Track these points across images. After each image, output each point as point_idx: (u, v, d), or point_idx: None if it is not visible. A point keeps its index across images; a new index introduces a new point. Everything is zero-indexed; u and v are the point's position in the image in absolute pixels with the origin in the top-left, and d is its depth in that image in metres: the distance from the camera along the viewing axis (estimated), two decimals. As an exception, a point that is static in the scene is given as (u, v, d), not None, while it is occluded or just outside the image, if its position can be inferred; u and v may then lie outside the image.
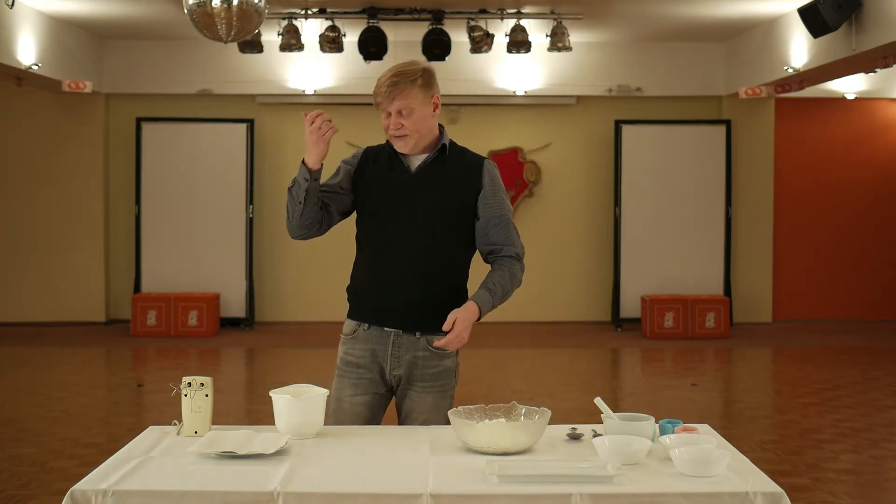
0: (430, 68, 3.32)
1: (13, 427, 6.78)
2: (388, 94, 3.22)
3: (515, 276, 3.35)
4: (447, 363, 3.36)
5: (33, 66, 9.42)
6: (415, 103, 3.24)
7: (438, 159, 3.33)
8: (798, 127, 12.06)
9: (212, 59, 11.29)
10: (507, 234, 3.34)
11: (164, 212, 11.36)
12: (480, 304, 3.24)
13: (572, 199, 11.85)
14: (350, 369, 3.35)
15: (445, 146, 3.34)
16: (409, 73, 3.24)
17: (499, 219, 3.33)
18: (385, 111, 3.26)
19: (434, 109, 3.30)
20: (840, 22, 8.10)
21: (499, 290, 3.30)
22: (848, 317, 12.09)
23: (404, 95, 3.23)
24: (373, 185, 3.34)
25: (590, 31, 10.90)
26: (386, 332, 3.31)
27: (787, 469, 5.73)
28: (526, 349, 10.26)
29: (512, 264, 3.34)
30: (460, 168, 3.34)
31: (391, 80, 3.22)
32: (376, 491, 2.45)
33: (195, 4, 5.63)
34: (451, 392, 3.40)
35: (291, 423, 2.93)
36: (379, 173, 3.35)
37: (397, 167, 3.34)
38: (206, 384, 2.99)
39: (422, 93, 3.26)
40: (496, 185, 3.35)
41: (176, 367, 9.44)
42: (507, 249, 3.35)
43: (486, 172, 3.35)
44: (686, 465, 2.56)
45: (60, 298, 11.55)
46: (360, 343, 3.34)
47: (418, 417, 3.32)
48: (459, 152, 3.39)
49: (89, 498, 2.45)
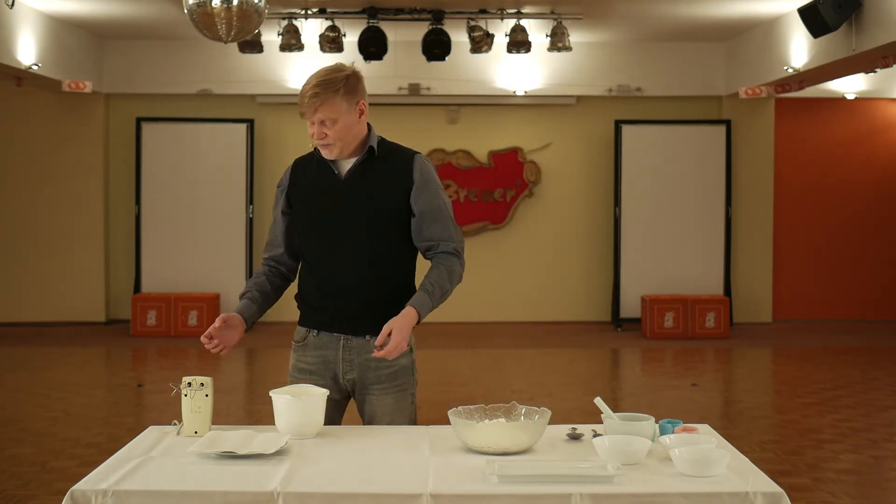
0: (354, 74, 3.25)
1: (13, 427, 6.78)
2: (311, 105, 3.17)
3: (454, 272, 3.27)
4: (402, 361, 3.31)
5: (33, 66, 9.42)
6: (338, 113, 3.18)
7: (367, 161, 3.28)
8: (798, 127, 12.06)
9: (212, 59, 11.29)
10: (444, 228, 3.28)
11: (164, 212, 11.36)
12: (419, 309, 3.16)
13: (572, 199, 11.85)
14: (303, 376, 3.33)
15: (374, 148, 3.28)
16: (331, 83, 3.17)
17: (433, 213, 3.26)
18: (308, 121, 3.22)
19: (360, 115, 3.24)
20: (840, 22, 8.10)
21: (437, 291, 3.22)
22: (848, 317, 12.09)
23: (327, 106, 3.17)
24: (306, 197, 3.32)
25: (590, 31, 10.90)
26: (335, 336, 3.29)
27: (787, 469, 5.73)
28: (526, 349, 10.26)
29: (449, 261, 3.27)
30: (391, 166, 3.28)
31: (313, 91, 3.16)
32: (376, 491, 2.45)
33: (195, 4, 5.63)
34: (411, 391, 3.35)
35: (291, 423, 2.93)
36: (310, 183, 3.33)
37: (327, 174, 3.30)
38: (206, 384, 2.99)
39: (345, 101, 3.19)
40: (428, 179, 3.28)
41: (176, 367, 9.44)
42: (444, 245, 3.27)
43: (416, 167, 3.28)
44: (686, 465, 2.56)
45: (60, 298, 11.55)
46: (311, 350, 3.33)
47: (382, 420, 3.27)
48: (389, 150, 3.33)
49: (89, 498, 2.45)
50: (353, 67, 3.26)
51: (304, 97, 3.19)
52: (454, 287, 3.29)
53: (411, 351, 3.35)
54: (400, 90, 11.39)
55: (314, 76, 3.22)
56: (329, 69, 3.24)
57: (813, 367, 9.26)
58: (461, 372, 8.91)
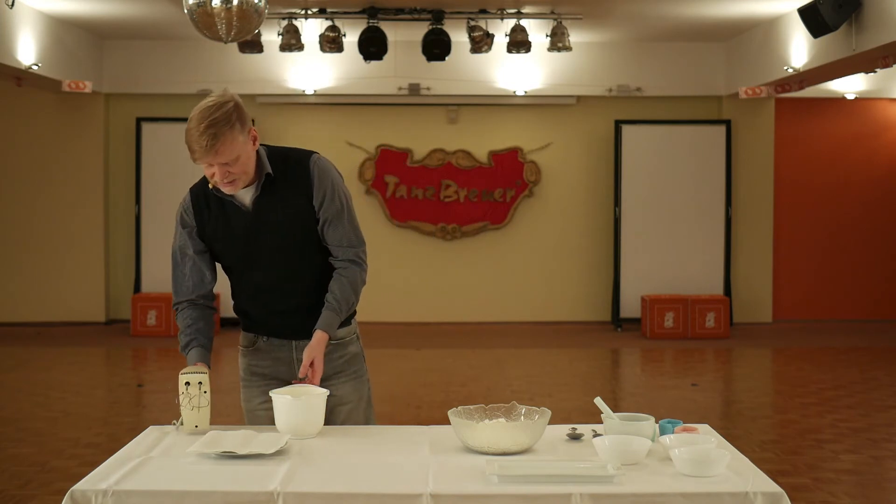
0: (236, 102, 3.06)
1: (13, 427, 6.79)
2: (211, 148, 2.97)
3: (355, 282, 3.24)
4: (352, 349, 3.35)
5: (33, 66, 9.42)
6: (238, 148, 3.02)
7: (267, 184, 3.16)
8: (798, 127, 12.06)
9: (212, 59, 11.29)
10: (343, 232, 3.22)
11: (164, 212, 11.34)
12: (327, 329, 3.17)
13: (572, 199, 11.85)
14: (256, 379, 3.33)
15: (270, 174, 3.15)
16: (224, 119, 2.98)
17: (332, 218, 3.20)
18: (206, 164, 3.03)
19: (253, 143, 3.10)
20: (840, 22, 8.09)
21: (343, 306, 3.21)
22: (848, 317, 12.09)
23: (227, 146, 2.99)
24: (220, 239, 3.22)
25: (590, 31, 10.89)
26: (287, 341, 3.30)
27: (787, 469, 5.73)
28: (526, 349, 10.26)
29: (350, 271, 3.23)
30: (289, 179, 3.18)
31: (210, 133, 2.95)
32: (376, 491, 2.45)
33: (195, 4, 5.63)
34: (366, 376, 3.38)
35: (291, 423, 2.93)
36: (217, 224, 3.21)
37: (231, 210, 3.19)
38: (204, 382, 2.99)
39: (241, 133, 3.03)
40: (324, 182, 3.19)
41: (176, 367, 9.42)
42: (344, 252, 3.23)
43: (312, 171, 3.19)
44: (686, 465, 2.56)
45: (60, 298, 11.55)
46: (264, 354, 3.32)
47: (343, 409, 3.29)
48: (283, 161, 3.20)
49: (89, 498, 2.45)
50: (231, 94, 3.09)
51: (200, 142, 2.97)
52: (359, 293, 3.28)
53: (358, 339, 3.38)
54: (400, 90, 11.39)
55: (199, 116, 3.00)
56: (211, 106, 3.02)
57: (813, 367, 9.26)
58: (461, 372, 8.91)
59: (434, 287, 11.81)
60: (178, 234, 3.26)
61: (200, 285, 3.29)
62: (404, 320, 11.76)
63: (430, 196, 11.69)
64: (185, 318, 3.27)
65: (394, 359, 9.34)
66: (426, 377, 8.61)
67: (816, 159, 12.10)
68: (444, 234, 11.73)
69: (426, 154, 11.72)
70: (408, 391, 8.00)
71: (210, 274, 3.30)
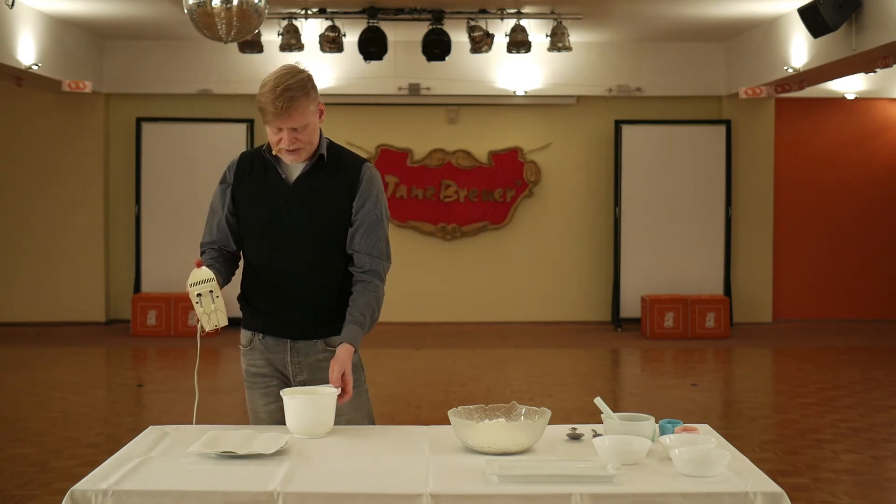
0: (310, 74, 3.18)
1: (13, 427, 6.79)
2: (285, 111, 3.06)
3: (379, 297, 3.24)
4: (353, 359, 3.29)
5: (33, 66, 9.42)
6: (308, 116, 3.12)
7: (317, 167, 3.21)
8: (798, 127, 12.06)
9: (212, 59, 11.30)
10: (374, 242, 3.22)
11: (164, 212, 11.36)
12: (354, 343, 3.16)
13: (572, 199, 11.85)
14: (256, 379, 3.32)
15: (323, 156, 3.22)
16: (300, 85, 3.09)
17: (369, 225, 3.21)
18: (276, 128, 3.11)
19: (320, 116, 3.18)
20: (840, 22, 8.10)
21: (367, 320, 3.20)
22: (848, 317, 12.09)
23: (300, 111, 3.08)
24: (251, 201, 3.24)
25: (590, 31, 10.90)
26: (282, 340, 3.27)
27: (787, 469, 5.73)
28: (526, 349, 10.26)
29: (372, 285, 3.21)
30: (338, 174, 3.22)
31: (286, 97, 3.06)
32: (376, 491, 2.45)
33: (195, 4, 5.62)
34: (364, 386, 3.34)
35: (302, 423, 2.92)
36: (256, 187, 3.24)
37: (274, 178, 3.22)
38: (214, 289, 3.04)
39: (312, 102, 3.13)
40: (372, 191, 3.23)
41: (176, 367, 9.44)
42: (371, 262, 3.21)
43: (363, 177, 3.23)
44: (686, 465, 2.56)
45: (60, 298, 11.55)
46: (258, 353, 3.29)
47: (340, 419, 3.22)
48: (338, 156, 3.26)
49: (89, 498, 2.45)
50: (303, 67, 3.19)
51: (275, 103, 3.06)
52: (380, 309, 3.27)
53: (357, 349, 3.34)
54: (400, 90, 11.40)
55: (274, 81, 3.09)
56: (288, 71, 3.13)
57: (813, 367, 9.26)
58: (461, 372, 8.91)
59: (434, 287, 11.81)
60: (217, 190, 3.32)
61: (226, 241, 3.33)
62: (404, 320, 11.76)
63: (430, 196, 11.69)
64: (207, 259, 3.30)
65: (394, 359, 9.34)
66: (426, 377, 8.61)
67: (816, 159, 12.10)
68: (444, 234, 11.73)
69: (426, 154, 11.72)
70: (408, 391, 8.00)
71: (234, 243, 3.32)
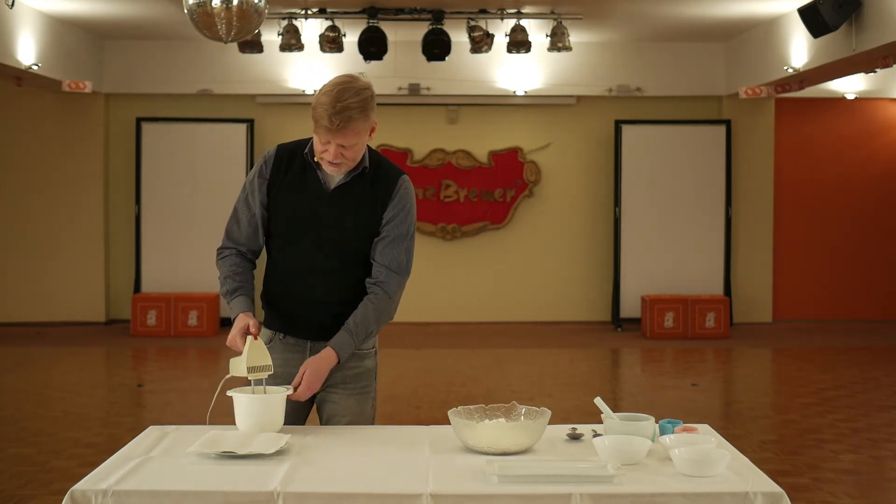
0: (373, 91, 3.07)
1: (13, 427, 6.79)
2: (340, 129, 2.99)
3: (382, 310, 3.19)
4: (367, 364, 3.30)
5: (33, 66, 9.42)
6: (360, 136, 3.05)
7: (356, 179, 3.19)
8: (798, 127, 12.06)
9: (212, 59, 11.30)
10: (394, 255, 3.19)
11: (164, 212, 11.36)
12: (339, 351, 3.14)
13: (572, 199, 11.85)
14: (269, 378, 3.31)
15: (366, 168, 3.18)
16: (361, 106, 2.99)
17: (394, 238, 3.19)
18: (325, 139, 3.04)
19: (370, 133, 3.11)
20: (840, 22, 8.09)
21: (361, 332, 3.17)
22: (848, 317, 12.09)
23: (355, 131, 3.01)
24: (287, 200, 3.20)
25: (590, 31, 10.90)
26: (302, 341, 3.27)
27: (787, 469, 5.73)
28: (526, 349, 10.26)
29: (379, 298, 3.18)
30: (376, 185, 3.19)
31: (345, 117, 2.97)
32: (376, 491, 2.46)
33: (195, 4, 5.62)
34: (372, 394, 3.32)
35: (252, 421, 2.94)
36: (293, 187, 3.19)
37: (312, 181, 3.19)
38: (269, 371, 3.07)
39: (367, 122, 3.04)
40: (404, 205, 3.20)
41: (176, 367, 9.45)
42: (386, 274, 3.18)
43: (398, 191, 3.20)
44: (686, 465, 2.56)
45: (60, 298, 11.55)
46: (278, 353, 3.27)
47: (341, 421, 3.24)
48: (377, 167, 3.21)
49: (89, 498, 2.45)
50: (367, 81, 3.08)
51: (333, 120, 2.98)
52: (382, 325, 3.24)
53: (375, 354, 3.34)
54: (400, 90, 11.39)
55: (336, 94, 2.99)
56: (352, 86, 3.01)
57: (813, 367, 9.26)
58: (461, 372, 8.91)
59: (434, 287, 11.80)
60: (249, 184, 3.24)
61: (253, 239, 3.28)
62: (404, 320, 11.73)
63: (430, 196, 11.69)
64: (231, 265, 3.27)
65: (394, 359, 9.34)
66: (426, 377, 8.61)
67: (816, 159, 12.10)
68: (444, 234, 11.73)
69: (426, 154, 11.72)
70: (408, 391, 8.00)
71: (261, 239, 3.28)
